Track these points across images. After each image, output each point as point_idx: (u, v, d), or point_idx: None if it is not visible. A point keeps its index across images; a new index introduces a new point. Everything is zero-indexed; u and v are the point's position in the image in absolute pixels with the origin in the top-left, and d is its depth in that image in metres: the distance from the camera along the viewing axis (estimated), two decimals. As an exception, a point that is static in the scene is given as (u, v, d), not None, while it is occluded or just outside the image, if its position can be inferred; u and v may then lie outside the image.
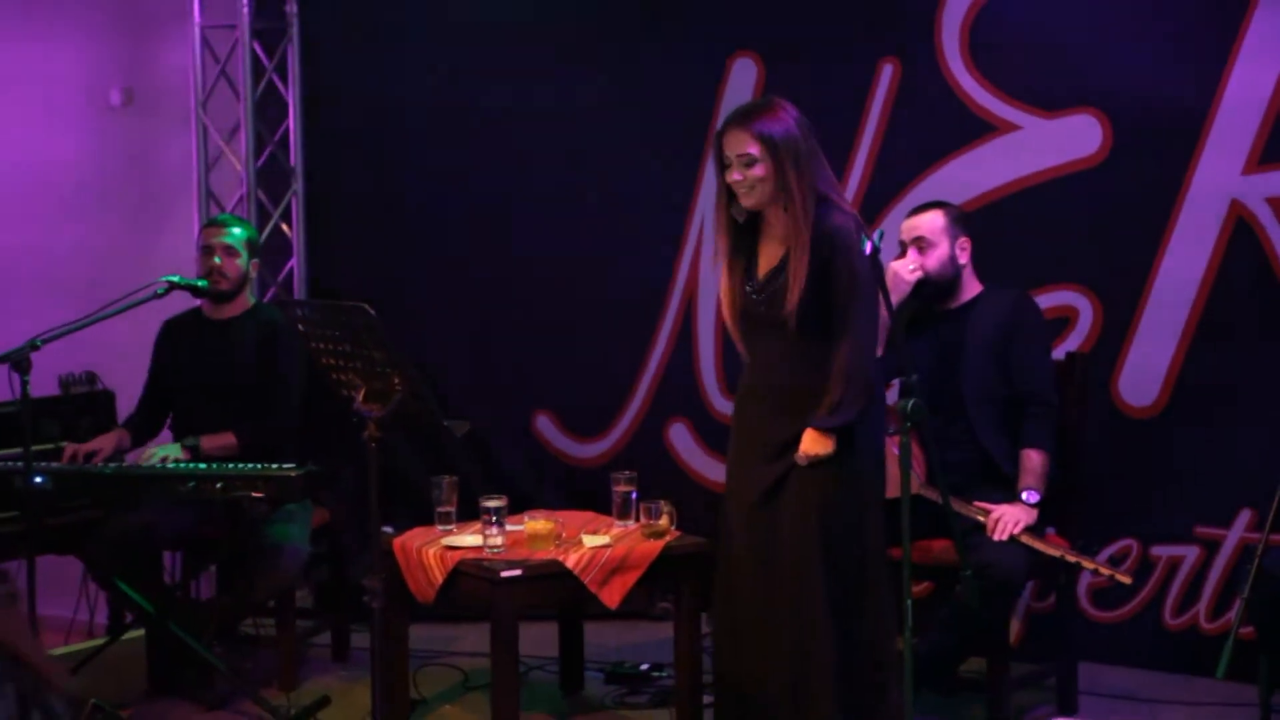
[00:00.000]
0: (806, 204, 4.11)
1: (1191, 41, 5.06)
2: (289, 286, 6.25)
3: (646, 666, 5.21)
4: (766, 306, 4.18)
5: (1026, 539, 4.51)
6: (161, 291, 5.00)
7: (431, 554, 4.57)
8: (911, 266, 4.73)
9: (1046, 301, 5.08)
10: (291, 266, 6.26)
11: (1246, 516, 5.03)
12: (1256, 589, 3.94)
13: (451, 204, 6.10)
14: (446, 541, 4.63)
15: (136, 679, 5.18)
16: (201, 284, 5.18)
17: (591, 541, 4.55)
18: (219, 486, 4.81)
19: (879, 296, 4.06)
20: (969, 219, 4.88)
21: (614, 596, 4.50)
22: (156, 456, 5.02)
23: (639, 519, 4.66)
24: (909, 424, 3.83)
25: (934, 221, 4.78)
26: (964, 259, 4.79)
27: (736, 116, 4.18)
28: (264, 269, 5.83)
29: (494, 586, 4.40)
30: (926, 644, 4.44)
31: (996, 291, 4.81)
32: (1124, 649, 5.20)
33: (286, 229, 6.26)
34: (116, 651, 5.22)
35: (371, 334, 4.23)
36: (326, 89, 6.20)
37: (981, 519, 4.55)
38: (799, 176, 4.11)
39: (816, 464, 4.12)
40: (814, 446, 4.12)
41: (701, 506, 5.20)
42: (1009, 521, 4.51)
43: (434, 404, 4.37)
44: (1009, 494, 4.60)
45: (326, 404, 4.84)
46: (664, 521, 4.61)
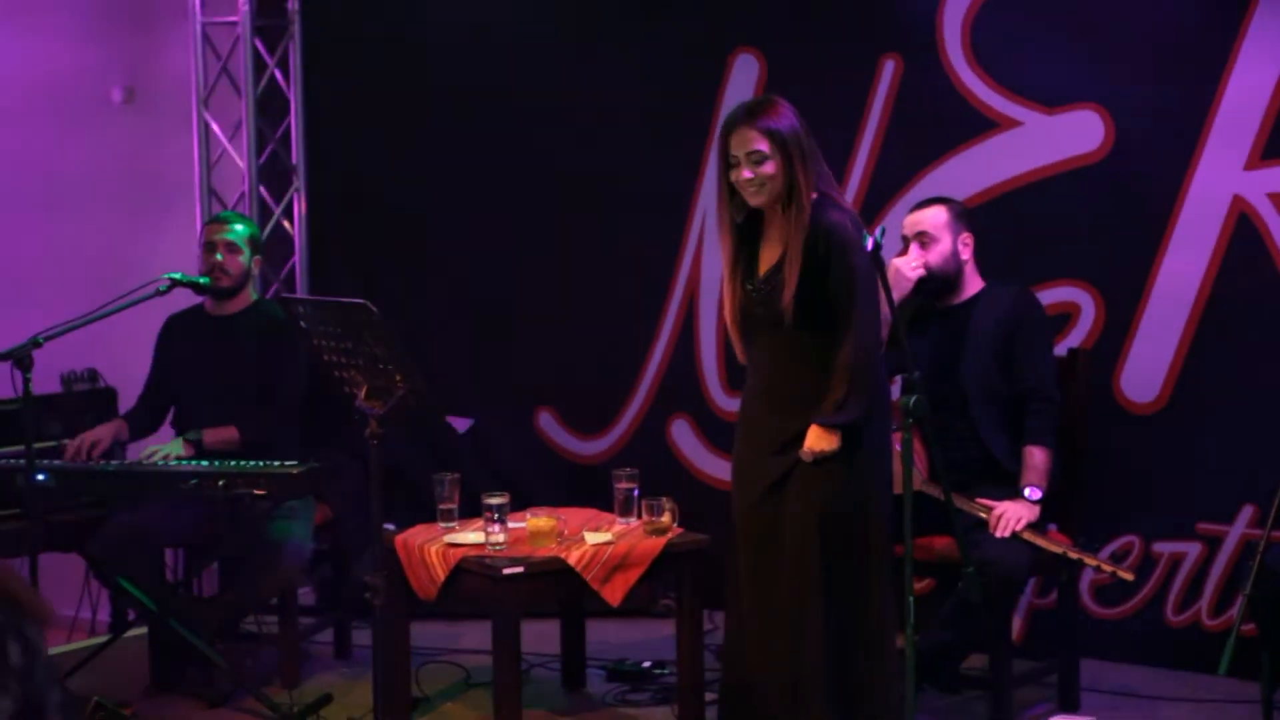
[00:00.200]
0: (808, 200, 4.11)
1: (1193, 36, 5.05)
2: (290, 283, 6.24)
3: (648, 664, 5.21)
4: (767, 305, 4.17)
5: (1028, 536, 4.51)
6: (163, 289, 4.98)
7: (433, 551, 4.57)
8: (914, 263, 4.72)
9: (1048, 298, 5.08)
10: (293, 264, 6.25)
11: (1248, 513, 5.02)
12: (1258, 585, 3.94)
13: (453, 200, 6.10)
14: (448, 539, 4.62)
15: (139, 676, 5.18)
16: (203, 281, 5.17)
17: (593, 539, 4.55)
18: (221, 484, 4.80)
19: (880, 292, 4.06)
20: (971, 215, 4.88)
21: (616, 594, 4.50)
22: (159, 455, 5.02)
23: (641, 516, 4.66)
24: (911, 420, 3.83)
25: (937, 216, 4.77)
26: (966, 255, 4.79)
27: (741, 115, 4.17)
28: (266, 266, 5.82)
29: (496, 583, 4.40)
30: (928, 641, 4.44)
31: (998, 288, 4.81)
32: (1126, 645, 5.19)
33: (288, 226, 6.25)
34: (119, 649, 5.22)
35: (373, 331, 4.22)
36: (328, 85, 6.20)
37: (984, 516, 4.54)
38: (804, 172, 4.11)
39: (821, 461, 4.12)
40: (819, 443, 4.11)
41: (704, 503, 5.20)
42: (1011, 518, 4.51)
43: (436, 401, 4.37)
44: (1011, 491, 4.60)
45: (329, 401, 4.84)
46: (666, 519, 4.61)
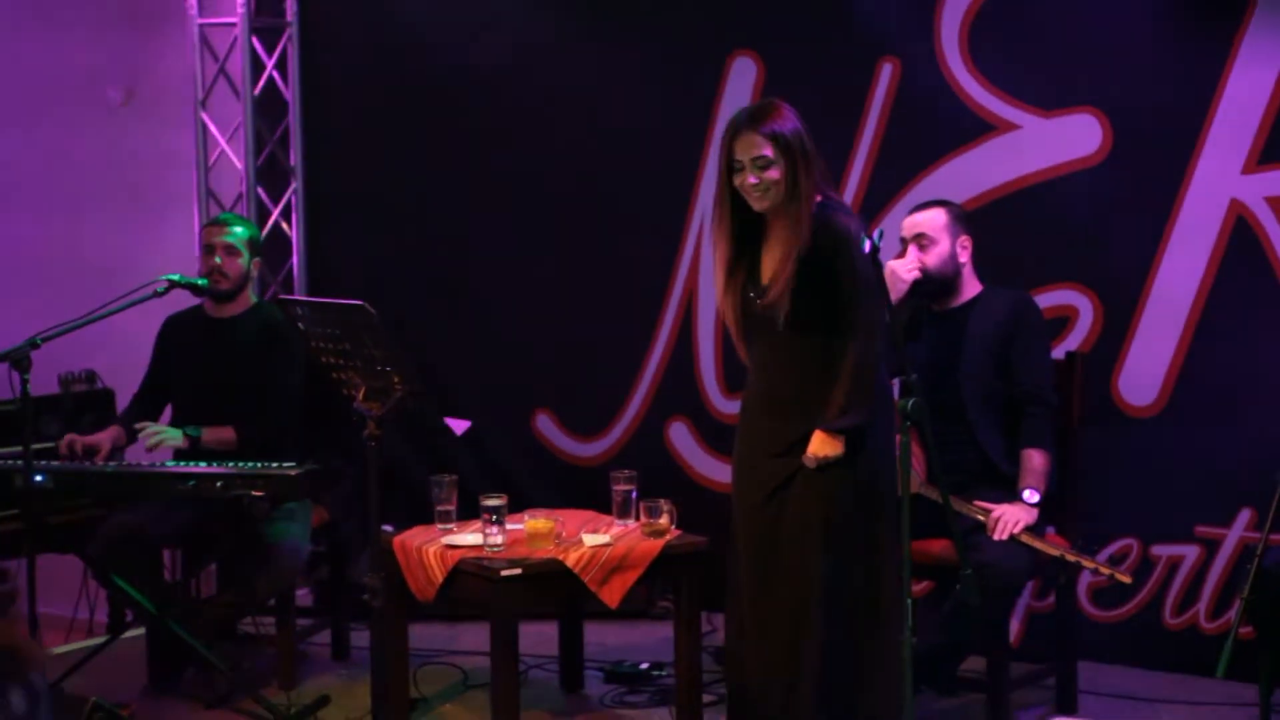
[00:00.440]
0: (811, 204, 4.11)
1: (1191, 40, 5.05)
2: (288, 285, 6.24)
3: (646, 665, 5.21)
4: (769, 309, 4.16)
5: (1027, 538, 4.51)
6: (161, 290, 4.98)
7: (431, 553, 4.57)
8: (909, 266, 4.72)
9: (1046, 301, 5.08)
10: (291, 265, 6.25)
11: (1246, 516, 5.02)
12: (1256, 588, 3.94)
13: (451, 202, 6.10)
14: (446, 540, 4.62)
15: (136, 677, 5.19)
16: (201, 283, 5.17)
17: (591, 540, 4.55)
18: (219, 485, 4.81)
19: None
20: (969, 218, 4.88)
21: (614, 595, 4.50)
22: (157, 436, 5.01)
23: (639, 518, 4.66)
24: (909, 423, 3.83)
25: (936, 219, 4.77)
26: (964, 258, 4.79)
27: (745, 120, 4.15)
28: (263, 267, 5.82)
29: (494, 585, 4.39)
30: (926, 643, 4.43)
31: (996, 291, 4.81)
32: (1124, 648, 5.20)
33: (286, 227, 6.26)
34: (117, 650, 5.21)
35: (371, 332, 4.22)
36: (327, 86, 6.20)
37: (982, 518, 4.54)
38: (808, 176, 4.11)
39: (824, 466, 4.11)
40: (823, 448, 4.10)
41: (702, 505, 5.20)
42: (1009, 521, 4.51)
43: (433, 402, 4.37)
44: (1009, 493, 4.60)
45: (327, 402, 4.84)
46: (664, 520, 4.61)
